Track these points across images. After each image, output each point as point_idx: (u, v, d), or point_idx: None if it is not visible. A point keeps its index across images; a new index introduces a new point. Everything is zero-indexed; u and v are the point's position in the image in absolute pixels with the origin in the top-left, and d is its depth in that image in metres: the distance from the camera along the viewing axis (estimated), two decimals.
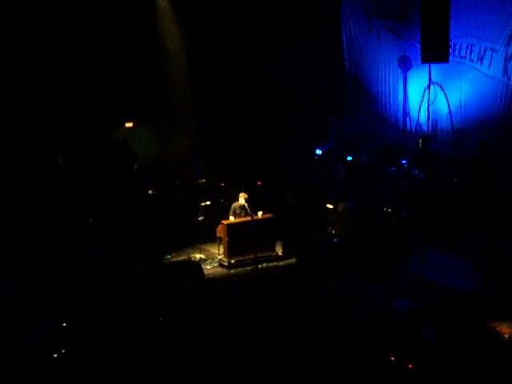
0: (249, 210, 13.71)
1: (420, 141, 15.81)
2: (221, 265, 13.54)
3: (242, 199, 13.84)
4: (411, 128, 16.99)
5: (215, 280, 12.80)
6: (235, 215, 13.75)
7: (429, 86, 15.75)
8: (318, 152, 17.27)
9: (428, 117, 15.95)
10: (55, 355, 8.62)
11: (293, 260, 13.45)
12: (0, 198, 12.99)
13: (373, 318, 9.71)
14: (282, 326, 9.20)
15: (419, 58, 15.37)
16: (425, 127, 16.25)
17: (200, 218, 14.83)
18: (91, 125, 15.23)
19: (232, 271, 13.21)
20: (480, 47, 15.13)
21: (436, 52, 14.81)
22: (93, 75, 15.10)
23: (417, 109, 16.60)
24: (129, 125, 16.41)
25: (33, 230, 12.46)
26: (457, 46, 15.49)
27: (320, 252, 12.86)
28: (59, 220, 13.23)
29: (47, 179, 14.18)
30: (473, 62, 15.30)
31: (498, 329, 9.16)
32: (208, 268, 13.34)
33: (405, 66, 16.86)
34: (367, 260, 11.83)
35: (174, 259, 13.81)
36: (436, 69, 15.58)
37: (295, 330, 9.01)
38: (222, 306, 10.17)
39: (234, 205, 13.88)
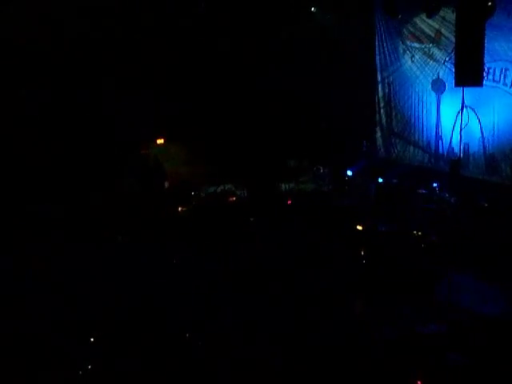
0: None
1: (451, 164, 15.73)
2: None
3: None
4: (443, 151, 16.93)
5: None
6: None
7: (462, 110, 15.67)
8: (349, 173, 17.28)
9: (460, 141, 15.85)
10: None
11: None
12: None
13: (400, 341, 9.60)
14: (305, 348, 9.15)
15: (453, 81, 15.26)
16: (457, 151, 16.16)
17: None
18: (123, 141, 15.43)
19: None
20: None
21: (470, 76, 14.69)
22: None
23: (449, 132, 16.51)
24: (160, 141, 16.55)
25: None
26: (491, 70, 15.40)
27: (348, 272, 12.78)
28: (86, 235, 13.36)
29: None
30: (506, 86, 15.20)
31: None
32: None
33: (438, 88, 16.82)
34: (395, 282, 11.73)
35: None
36: (469, 92, 15.48)
37: (317, 352, 8.95)
38: None
39: None
